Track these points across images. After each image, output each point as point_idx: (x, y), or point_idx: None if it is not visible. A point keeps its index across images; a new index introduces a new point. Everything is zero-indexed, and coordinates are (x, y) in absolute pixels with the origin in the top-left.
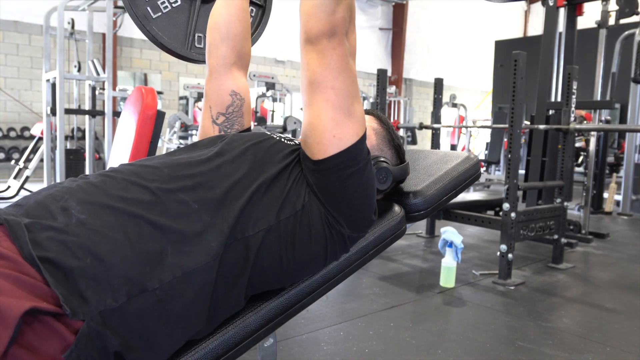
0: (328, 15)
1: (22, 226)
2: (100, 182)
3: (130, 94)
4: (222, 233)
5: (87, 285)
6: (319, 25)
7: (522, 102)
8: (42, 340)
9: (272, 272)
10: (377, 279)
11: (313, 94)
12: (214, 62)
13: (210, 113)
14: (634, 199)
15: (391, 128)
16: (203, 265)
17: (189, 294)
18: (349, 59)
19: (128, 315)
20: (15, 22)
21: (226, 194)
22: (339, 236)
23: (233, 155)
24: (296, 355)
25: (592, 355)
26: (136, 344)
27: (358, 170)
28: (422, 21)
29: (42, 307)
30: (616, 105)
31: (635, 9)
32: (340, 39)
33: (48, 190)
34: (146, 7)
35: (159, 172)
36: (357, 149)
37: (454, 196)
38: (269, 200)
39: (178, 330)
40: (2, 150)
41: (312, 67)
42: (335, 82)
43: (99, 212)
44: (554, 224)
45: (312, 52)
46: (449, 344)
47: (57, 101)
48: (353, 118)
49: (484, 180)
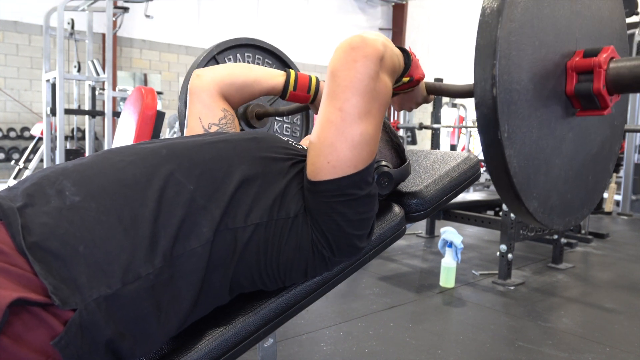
0: (365, 34)
1: (14, 211)
2: (96, 162)
3: (130, 94)
4: (213, 218)
5: (81, 272)
6: (351, 36)
7: None
8: (30, 331)
9: (255, 269)
10: (377, 279)
11: (326, 105)
12: (210, 82)
13: (200, 123)
14: (634, 199)
15: (389, 127)
16: (192, 250)
17: (180, 280)
18: (374, 82)
19: (122, 301)
20: (15, 22)
21: (222, 179)
22: (320, 257)
23: (236, 141)
24: (296, 355)
25: (592, 355)
26: (130, 331)
27: (351, 201)
28: (422, 21)
29: (30, 297)
30: None
31: (635, 9)
32: (368, 52)
33: (43, 172)
34: None
35: (158, 152)
36: (353, 181)
37: (454, 196)
38: (264, 195)
39: (171, 316)
40: (2, 151)
41: (330, 75)
42: (346, 104)
43: (94, 194)
44: None
45: (334, 57)
46: (448, 344)
47: (57, 101)
48: (356, 150)
49: (484, 180)
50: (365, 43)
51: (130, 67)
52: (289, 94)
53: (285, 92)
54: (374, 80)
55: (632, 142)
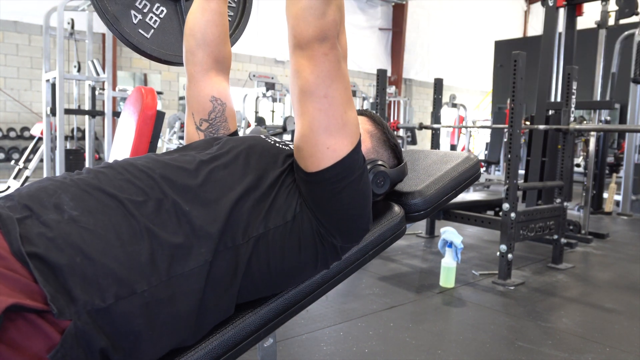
0: (318, 19)
1: (13, 220)
2: (94, 178)
3: (130, 94)
4: (212, 239)
5: (76, 284)
6: (309, 29)
7: (522, 102)
8: (26, 338)
9: (261, 281)
10: (377, 279)
11: (305, 103)
12: (191, 69)
13: (193, 120)
14: (634, 199)
15: (386, 128)
16: (190, 271)
17: (177, 300)
18: (342, 64)
19: (115, 316)
20: (15, 22)
21: (217, 200)
22: (330, 247)
23: (226, 161)
24: (296, 355)
25: (591, 355)
26: (121, 345)
27: (353, 182)
28: (422, 21)
29: (26, 304)
30: (616, 105)
31: (635, 9)
32: (332, 43)
33: (41, 183)
34: (138, 30)
35: (152, 173)
36: (352, 159)
37: (454, 196)
38: (258, 208)
39: (163, 337)
40: (2, 151)
41: (303, 74)
42: (329, 90)
43: (92, 210)
44: (553, 224)
45: (302, 58)
46: (448, 344)
47: (56, 101)
48: (347, 127)
49: (484, 180)
50: (326, 35)
51: (130, 67)
52: None
53: None
54: (340, 62)
55: (632, 142)
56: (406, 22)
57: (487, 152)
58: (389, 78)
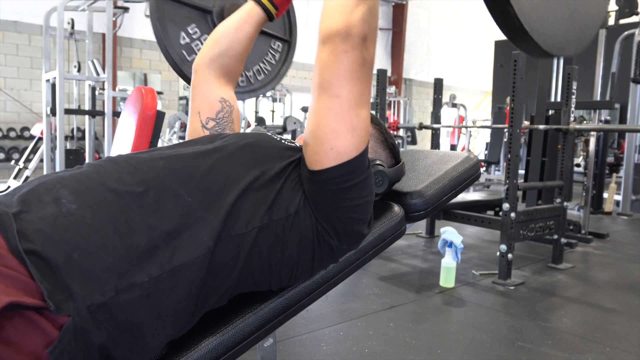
0: (345, 15)
1: (10, 216)
2: (94, 171)
3: (130, 94)
4: (213, 228)
5: (74, 279)
6: (334, 23)
7: (522, 102)
8: (23, 336)
9: (259, 273)
10: (377, 279)
11: (318, 98)
12: (205, 70)
13: (199, 118)
14: (634, 199)
15: (383, 128)
16: (193, 260)
17: (179, 289)
18: (364, 67)
19: (116, 310)
20: (15, 22)
21: (220, 189)
22: (327, 247)
23: (230, 151)
24: (296, 355)
25: (592, 355)
26: (123, 339)
27: (355, 185)
28: (422, 21)
29: (23, 301)
30: (616, 105)
31: (635, 9)
32: (356, 43)
33: (40, 179)
34: (181, 51)
35: (155, 164)
36: (356, 164)
37: (454, 196)
38: (262, 199)
39: (167, 325)
40: (2, 151)
41: (321, 69)
42: (342, 91)
43: (90, 203)
44: (553, 224)
45: (323, 52)
46: (448, 344)
47: (57, 101)
48: (356, 132)
49: (484, 180)
50: (350, 32)
51: (130, 67)
52: (272, 10)
53: (269, 11)
54: (363, 66)
55: (632, 142)
56: (406, 22)
57: (487, 152)
58: (389, 78)
